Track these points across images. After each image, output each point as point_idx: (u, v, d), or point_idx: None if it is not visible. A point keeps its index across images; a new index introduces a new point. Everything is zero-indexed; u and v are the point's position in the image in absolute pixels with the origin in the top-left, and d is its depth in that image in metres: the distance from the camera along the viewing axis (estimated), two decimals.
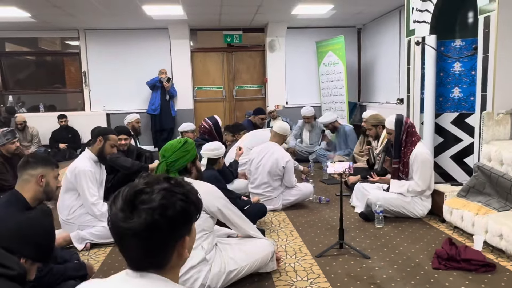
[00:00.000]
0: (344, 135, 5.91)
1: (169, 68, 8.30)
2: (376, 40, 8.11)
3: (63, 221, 3.28)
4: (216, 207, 2.32)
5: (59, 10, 6.43)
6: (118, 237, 0.96)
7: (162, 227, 0.95)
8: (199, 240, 2.23)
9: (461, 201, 3.31)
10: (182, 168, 2.37)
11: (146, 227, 0.93)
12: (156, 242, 0.95)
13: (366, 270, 2.69)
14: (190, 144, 2.42)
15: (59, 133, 7.67)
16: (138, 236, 0.93)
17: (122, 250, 0.97)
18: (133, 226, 0.92)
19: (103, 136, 3.35)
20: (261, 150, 4.15)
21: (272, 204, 4.04)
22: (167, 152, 2.36)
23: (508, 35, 3.37)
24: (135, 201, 0.95)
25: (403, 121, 3.69)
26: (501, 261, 2.76)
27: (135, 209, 0.94)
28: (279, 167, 3.99)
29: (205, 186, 2.35)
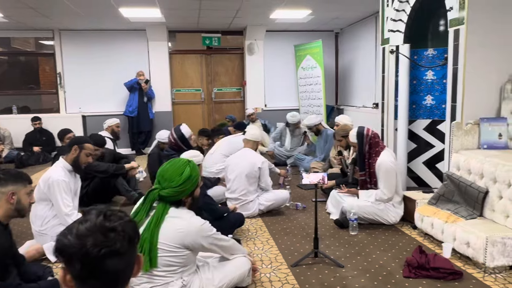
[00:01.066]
0: (325, 139, 5.98)
1: (147, 70, 8.22)
2: (353, 44, 8.24)
3: (36, 232, 3.22)
4: (201, 245, 2.23)
5: (34, 11, 6.28)
6: (94, 264, 0.94)
7: (134, 239, 0.99)
8: (179, 274, 2.18)
9: (431, 208, 3.41)
10: (177, 201, 2.19)
11: (128, 240, 0.96)
12: (131, 257, 0.98)
13: (339, 280, 2.75)
14: (191, 180, 2.17)
15: (33, 135, 7.49)
16: (119, 253, 0.94)
17: (91, 279, 0.94)
18: (116, 243, 0.94)
19: (78, 145, 3.30)
20: (237, 156, 4.26)
21: (248, 209, 4.07)
22: (164, 182, 2.14)
23: (476, 48, 3.49)
24: (105, 224, 0.96)
25: (363, 134, 3.77)
26: (468, 269, 2.87)
27: (111, 230, 0.95)
28: (255, 168, 4.07)
29: (194, 225, 2.18)
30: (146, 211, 2.14)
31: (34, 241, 3.26)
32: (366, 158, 3.76)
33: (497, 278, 2.72)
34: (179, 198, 2.18)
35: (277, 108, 8.67)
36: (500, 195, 2.99)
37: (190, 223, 2.17)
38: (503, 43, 3.54)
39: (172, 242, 2.11)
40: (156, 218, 2.10)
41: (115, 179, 4.41)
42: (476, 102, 3.56)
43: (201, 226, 2.21)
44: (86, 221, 0.97)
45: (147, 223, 2.11)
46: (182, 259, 2.15)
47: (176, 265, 2.15)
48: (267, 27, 8.24)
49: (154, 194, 2.14)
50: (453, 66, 3.66)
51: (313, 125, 6.07)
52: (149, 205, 2.15)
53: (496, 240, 2.73)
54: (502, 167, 2.97)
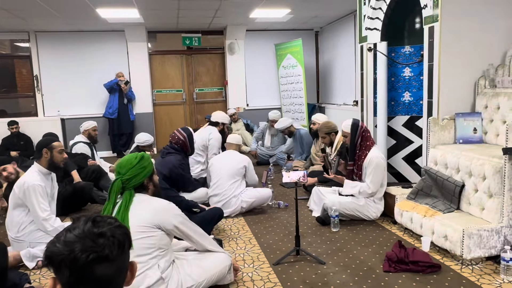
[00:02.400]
0: (300, 139, 6.01)
1: (126, 71, 8.12)
2: (333, 43, 8.30)
3: (12, 239, 3.15)
4: (172, 225, 2.28)
5: (8, 13, 6.14)
6: (83, 271, 0.91)
7: (125, 245, 0.97)
8: (155, 259, 2.21)
9: (410, 203, 3.47)
10: (139, 185, 2.30)
11: (118, 246, 0.94)
12: (121, 263, 0.97)
13: (321, 276, 2.77)
14: (147, 160, 2.35)
15: (10, 140, 7.30)
16: (109, 259, 0.92)
17: (84, 285, 0.92)
18: (105, 249, 0.92)
19: (47, 147, 3.25)
20: (222, 156, 4.41)
21: (231, 206, 4.08)
22: (123, 168, 2.27)
23: (451, 44, 3.56)
24: (94, 230, 0.94)
25: (358, 125, 3.83)
26: (446, 261, 2.92)
27: (99, 235, 0.94)
28: (241, 166, 4.22)
29: (161, 204, 2.31)
30: (113, 202, 2.23)
31: (10, 248, 3.18)
32: (357, 149, 3.80)
33: (474, 270, 2.78)
34: (140, 181, 2.28)
35: (259, 107, 8.69)
36: (476, 188, 3.06)
37: (156, 202, 2.31)
38: (477, 39, 3.62)
39: (142, 223, 2.19)
40: (124, 204, 2.20)
41: (89, 189, 4.31)
42: (451, 97, 3.64)
43: (168, 204, 2.33)
44: (75, 228, 0.95)
45: (117, 209, 2.20)
46: (155, 239, 2.21)
47: (150, 247, 2.20)
48: (247, 26, 8.23)
49: (117, 183, 2.24)
50: (428, 62, 3.72)
51: (284, 128, 6.08)
52: (115, 196, 2.24)
53: (472, 232, 2.79)
54: (477, 161, 3.03)
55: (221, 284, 2.60)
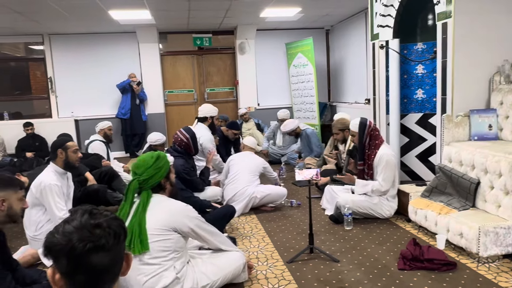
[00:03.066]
0: (307, 139, 6.00)
1: (138, 72, 8.20)
2: (344, 41, 8.26)
3: (30, 237, 3.21)
4: (189, 227, 2.28)
5: (22, 16, 6.24)
6: (80, 259, 0.95)
7: (120, 236, 1.01)
8: (171, 261, 2.21)
9: (424, 201, 3.44)
10: (156, 185, 2.29)
11: (114, 236, 0.98)
12: (118, 253, 1.00)
13: (335, 274, 2.77)
14: (163, 159, 2.34)
15: (26, 141, 7.43)
16: (105, 248, 0.96)
17: (78, 274, 0.96)
18: (101, 239, 0.96)
19: (62, 148, 3.30)
20: (242, 155, 4.59)
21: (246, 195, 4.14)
22: (139, 169, 2.26)
23: (464, 40, 3.52)
24: (91, 221, 0.99)
25: (366, 124, 3.80)
26: (462, 259, 2.90)
27: (96, 226, 0.98)
28: (260, 167, 4.40)
29: (178, 206, 2.31)
30: (130, 202, 2.23)
31: (28, 247, 3.25)
32: (366, 149, 3.78)
33: (491, 267, 2.75)
34: (157, 181, 2.28)
35: (270, 106, 8.68)
36: (492, 186, 3.02)
37: (174, 204, 2.30)
38: (491, 34, 3.58)
39: (159, 226, 2.19)
40: (142, 205, 2.21)
41: (104, 192, 4.35)
42: (465, 94, 3.60)
43: (185, 207, 2.32)
44: (73, 220, 0.99)
45: (134, 210, 2.20)
46: (171, 242, 2.21)
47: (166, 249, 2.21)
48: (258, 26, 8.24)
49: (134, 184, 2.23)
50: (442, 59, 3.69)
51: (291, 131, 6.06)
52: (132, 196, 2.24)
53: (488, 230, 2.76)
54: (492, 158, 3.00)
55: (235, 283, 2.61)
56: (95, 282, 0.98)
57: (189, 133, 4.15)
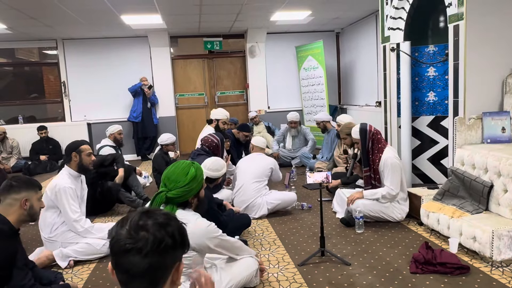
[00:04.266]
0: (332, 138, 5.99)
1: (150, 75, 8.29)
2: (354, 44, 8.25)
3: (45, 239, 3.26)
4: (208, 247, 2.24)
5: (36, 21, 6.36)
6: (119, 256, 0.98)
7: (166, 244, 0.99)
8: (186, 275, 2.20)
9: (437, 204, 3.42)
10: (183, 202, 2.19)
11: (152, 242, 0.97)
12: (157, 260, 0.98)
13: (346, 277, 2.77)
14: (197, 179, 2.18)
15: (39, 144, 7.57)
16: (141, 252, 0.96)
17: (119, 271, 0.99)
18: (139, 242, 0.97)
19: (76, 151, 3.35)
20: (248, 160, 4.48)
21: (256, 208, 4.13)
22: (171, 183, 2.13)
23: (477, 42, 3.50)
24: (139, 222, 1.00)
25: (366, 130, 3.76)
26: (475, 263, 2.87)
27: (141, 228, 0.99)
28: (267, 168, 4.31)
29: (200, 227, 2.21)
30: None
31: (43, 248, 3.30)
32: (370, 154, 3.77)
33: (505, 271, 2.72)
34: (185, 199, 2.18)
35: (280, 109, 8.69)
36: (505, 189, 2.99)
37: (196, 225, 2.19)
38: (504, 37, 3.55)
39: None
40: None
41: (117, 193, 4.41)
42: (478, 96, 3.57)
43: (207, 227, 2.23)
44: (134, 215, 1.02)
45: None
46: (188, 260, 2.17)
47: (184, 267, 2.17)
48: (268, 29, 8.28)
49: (162, 196, 2.12)
50: (454, 61, 3.67)
51: (321, 121, 6.09)
52: (157, 206, 2.15)
53: (502, 233, 2.73)
54: (506, 161, 2.97)
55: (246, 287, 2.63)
56: (133, 284, 0.99)
57: (219, 137, 4.40)
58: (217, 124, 5.33)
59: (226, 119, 5.42)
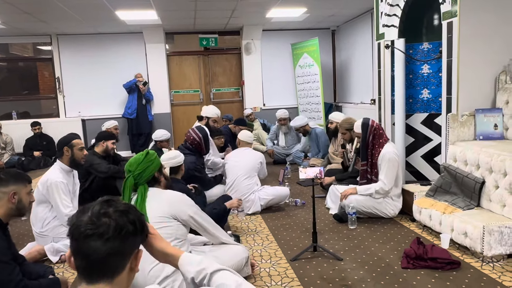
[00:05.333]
0: (316, 138, 6.01)
1: (145, 72, 8.25)
2: (350, 41, 8.26)
3: (36, 234, 3.25)
4: (188, 215, 2.34)
5: (30, 16, 6.32)
6: (80, 242, 0.99)
7: (127, 230, 1.01)
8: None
9: (429, 200, 3.43)
10: (151, 178, 2.38)
11: (114, 228, 0.99)
12: (118, 246, 1.00)
13: (338, 272, 2.77)
14: (153, 155, 2.44)
15: (33, 140, 7.52)
16: (103, 237, 0.97)
17: (79, 257, 1.00)
18: (100, 227, 0.98)
19: (68, 145, 3.34)
20: (237, 154, 4.42)
21: (249, 204, 4.13)
22: (132, 166, 2.35)
23: (470, 39, 3.51)
24: (100, 210, 1.02)
25: (369, 124, 3.80)
26: (466, 258, 2.89)
27: (103, 215, 1.00)
28: (257, 162, 4.28)
29: (175, 195, 2.39)
30: (128, 199, 2.30)
31: (35, 243, 3.29)
32: (369, 148, 3.78)
33: (495, 267, 2.74)
34: (151, 174, 2.36)
35: (276, 107, 8.66)
36: (497, 185, 3.01)
37: (171, 194, 2.39)
38: (497, 34, 3.56)
39: (159, 214, 2.25)
40: (140, 197, 2.28)
41: (114, 180, 4.45)
42: (471, 93, 3.58)
43: (181, 195, 2.40)
44: (93, 206, 1.03)
45: (133, 203, 2.26)
46: (172, 229, 2.27)
47: (168, 236, 2.23)
48: (264, 26, 8.26)
49: (130, 180, 2.31)
50: (447, 58, 3.68)
51: (299, 127, 6.09)
52: (129, 192, 2.31)
53: (493, 229, 2.75)
54: (498, 157, 2.99)
55: None
56: (92, 270, 0.99)
57: (202, 133, 4.25)
58: (207, 122, 5.30)
59: (217, 117, 5.40)
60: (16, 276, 2.05)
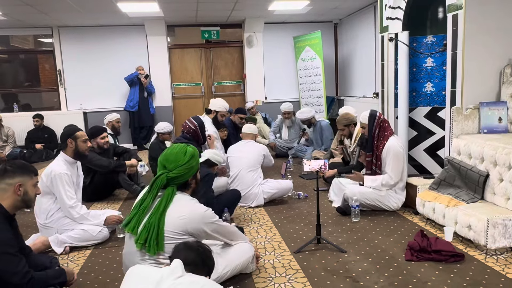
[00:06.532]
0: (320, 131, 6.00)
1: (146, 65, 8.23)
2: (353, 34, 8.22)
3: (41, 225, 3.25)
4: (204, 232, 2.25)
5: (32, 8, 6.29)
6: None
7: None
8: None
9: (432, 193, 3.43)
10: (183, 183, 2.23)
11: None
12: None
13: (342, 264, 2.78)
14: (196, 158, 2.25)
15: (35, 133, 7.52)
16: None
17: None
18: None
19: (71, 137, 3.33)
20: (240, 147, 4.40)
21: (253, 197, 4.14)
22: (170, 164, 2.17)
23: (475, 32, 3.49)
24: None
25: (376, 116, 3.80)
26: (470, 251, 2.89)
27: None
28: (260, 155, 4.27)
29: (198, 212, 2.22)
30: (153, 197, 2.18)
31: (39, 234, 3.30)
32: (375, 140, 3.78)
33: (499, 259, 2.74)
34: (186, 179, 2.22)
35: (278, 100, 8.66)
36: (501, 178, 3.01)
37: (193, 209, 2.21)
38: (502, 27, 3.54)
39: (175, 229, 2.13)
40: (165, 201, 2.14)
41: (116, 174, 4.45)
42: (475, 86, 3.57)
43: (204, 212, 2.24)
44: None
45: (155, 207, 2.15)
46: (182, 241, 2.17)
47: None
48: (266, 19, 8.22)
49: (162, 178, 2.16)
50: (452, 51, 3.66)
51: (305, 119, 6.09)
52: (156, 191, 2.18)
53: (497, 222, 2.75)
54: (502, 150, 2.98)
55: (243, 273, 2.64)
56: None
57: (197, 121, 4.27)
58: (216, 115, 5.27)
59: (225, 111, 5.38)
60: (22, 268, 2.05)
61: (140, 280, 1.68)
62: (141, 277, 1.70)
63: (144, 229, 2.11)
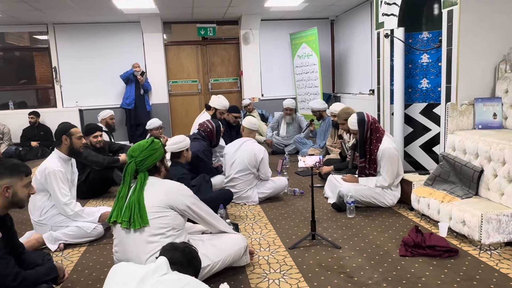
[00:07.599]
0: (327, 126, 5.97)
1: (142, 62, 8.20)
2: (349, 31, 8.21)
3: (35, 222, 3.24)
4: (185, 205, 2.34)
5: (27, 5, 6.25)
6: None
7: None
8: (169, 238, 2.24)
9: (427, 189, 3.43)
10: (152, 167, 2.38)
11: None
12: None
13: (336, 260, 2.78)
14: (157, 143, 2.43)
15: (31, 130, 7.49)
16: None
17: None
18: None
19: (66, 134, 3.31)
20: (238, 146, 4.21)
21: (248, 198, 4.11)
22: (135, 152, 2.36)
23: (470, 28, 3.49)
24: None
25: (365, 120, 3.73)
26: (464, 246, 2.90)
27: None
28: (257, 159, 4.07)
29: (173, 185, 2.40)
30: (128, 184, 2.33)
31: (33, 231, 3.28)
32: (367, 145, 3.74)
33: (492, 255, 2.75)
34: (153, 162, 2.38)
35: (274, 97, 8.67)
36: (495, 174, 3.01)
37: (169, 184, 2.40)
38: (497, 22, 3.54)
39: (157, 204, 2.27)
40: (139, 184, 2.31)
41: (111, 171, 4.45)
42: (470, 82, 3.57)
43: (179, 185, 2.41)
44: None
45: (132, 190, 2.31)
46: (168, 219, 2.28)
47: (165, 226, 2.27)
48: (262, 16, 8.20)
49: (131, 165, 2.33)
50: (447, 47, 3.66)
51: (318, 110, 6.08)
52: (130, 178, 2.34)
53: (491, 217, 2.76)
54: (496, 146, 2.98)
55: (237, 266, 2.64)
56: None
57: (216, 123, 4.40)
58: (215, 112, 5.30)
59: (224, 110, 5.37)
60: (12, 269, 2.01)
61: (123, 277, 1.71)
62: (124, 274, 1.75)
63: (126, 209, 2.26)
